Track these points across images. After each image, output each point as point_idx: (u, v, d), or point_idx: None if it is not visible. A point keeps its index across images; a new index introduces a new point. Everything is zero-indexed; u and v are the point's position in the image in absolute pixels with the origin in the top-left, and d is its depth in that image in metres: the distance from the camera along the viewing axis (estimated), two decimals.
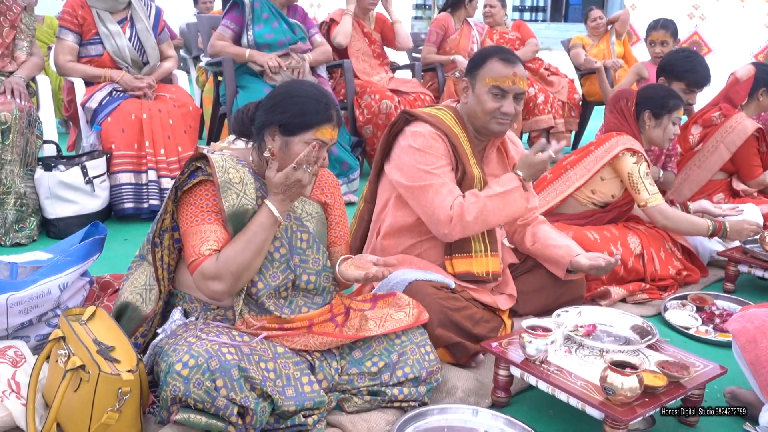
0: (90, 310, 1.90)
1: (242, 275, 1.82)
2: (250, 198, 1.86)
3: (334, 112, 1.89)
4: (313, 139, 1.85)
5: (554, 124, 5.33)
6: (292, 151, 1.85)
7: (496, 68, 2.23)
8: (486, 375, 2.17)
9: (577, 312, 2.21)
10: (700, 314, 2.73)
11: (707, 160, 3.50)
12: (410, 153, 2.24)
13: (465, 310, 2.18)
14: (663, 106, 2.95)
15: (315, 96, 1.88)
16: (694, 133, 3.57)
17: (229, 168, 1.85)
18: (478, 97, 2.25)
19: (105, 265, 2.77)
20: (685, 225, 2.94)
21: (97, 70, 3.74)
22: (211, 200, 1.85)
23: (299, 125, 1.85)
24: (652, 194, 2.88)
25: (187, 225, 1.85)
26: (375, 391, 1.92)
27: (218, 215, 1.85)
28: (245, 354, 1.73)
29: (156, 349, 1.83)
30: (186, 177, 1.87)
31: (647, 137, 3.01)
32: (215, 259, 1.80)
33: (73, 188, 3.40)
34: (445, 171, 2.22)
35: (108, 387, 1.65)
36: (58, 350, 1.78)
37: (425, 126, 2.27)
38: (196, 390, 1.63)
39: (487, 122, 2.26)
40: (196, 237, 1.82)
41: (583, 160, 2.96)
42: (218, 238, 1.83)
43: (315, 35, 4.38)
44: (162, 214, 1.91)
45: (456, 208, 2.17)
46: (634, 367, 1.75)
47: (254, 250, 1.82)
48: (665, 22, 4.44)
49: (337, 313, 2.03)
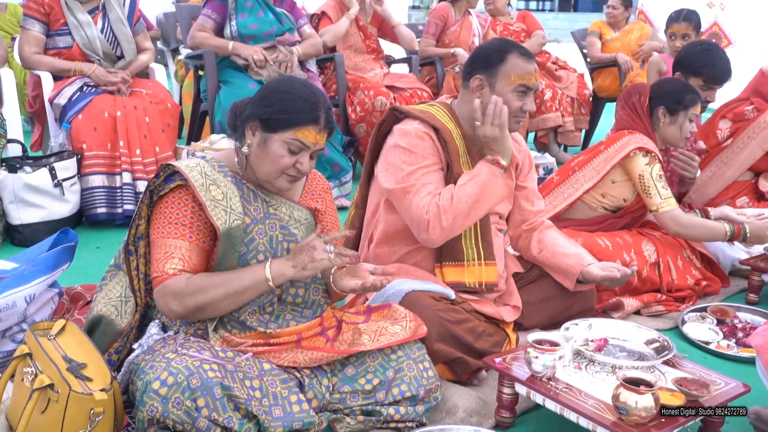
0: (59, 324, 1.89)
1: (205, 311, 1.84)
2: (238, 212, 1.86)
3: (322, 115, 1.90)
4: (293, 139, 1.86)
5: (562, 122, 5.35)
6: (269, 149, 1.87)
7: (520, 65, 2.25)
8: (489, 393, 2.18)
9: (587, 325, 2.22)
10: (721, 328, 2.75)
11: (736, 157, 3.52)
12: (396, 152, 2.26)
13: (466, 323, 2.19)
14: (679, 102, 2.97)
15: (303, 94, 1.89)
16: (722, 128, 3.58)
17: (210, 185, 1.85)
18: (501, 95, 2.25)
19: (76, 276, 2.77)
20: (700, 231, 2.95)
21: (66, 63, 3.74)
22: (182, 211, 1.86)
23: (280, 122, 1.86)
24: (665, 198, 2.89)
25: (155, 235, 1.86)
26: (369, 411, 1.92)
27: (187, 229, 1.85)
28: (229, 371, 1.73)
29: (131, 366, 1.83)
30: (162, 181, 1.88)
31: (661, 135, 3.03)
32: (184, 279, 1.80)
33: (41, 192, 3.40)
34: (430, 171, 2.24)
35: (79, 407, 1.64)
36: (24, 368, 1.77)
37: (413, 123, 2.28)
38: (175, 410, 1.63)
39: (509, 122, 2.27)
40: (160, 251, 1.83)
41: (592, 161, 2.97)
42: (184, 257, 1.83)
43: (304, 26, 4.39)
44: (136, 220, 1.92)
45: (431, 210, 2.18)
46: (649, 385, 1.76)
47: (229, 297, 1.83)
48: (688, 13, 4.43)
49: (328, 326, 2.04)
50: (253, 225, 1.91)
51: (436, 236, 2.20)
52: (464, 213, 2.20)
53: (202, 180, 1.84)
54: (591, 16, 20.84)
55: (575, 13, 22.60)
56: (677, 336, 2.73)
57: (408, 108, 2.36)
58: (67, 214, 3.52)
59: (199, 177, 1.84)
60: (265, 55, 4.07)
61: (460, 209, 2.19)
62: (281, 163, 1.87)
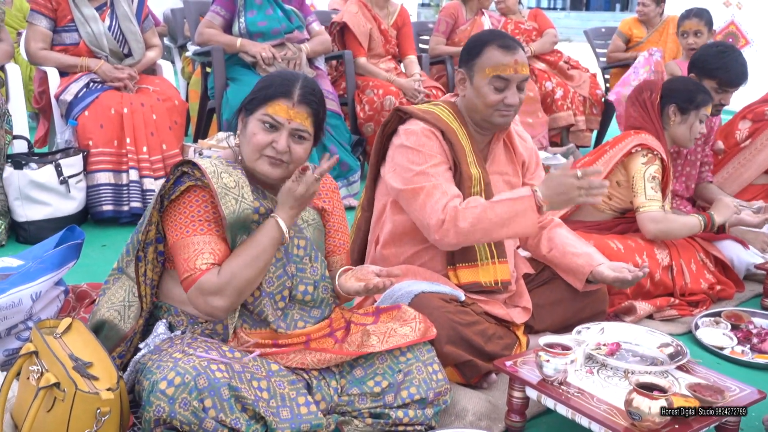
0: (65, 323, 1.90)
1: (245, 291, 1.84)
2: (249, 202, 1.87)
3: (295, 90, 1.89)
4: (264, 114, 1.87)
5: (574, 121, 5.34)
6: (247, 131, 1.90)
7: (495, 56, 2.23)
8: (499, 397, 2.18)
9: (599, 329, 2.21)
10: (736, 333, 2.74)
11: (755, 158, 3.51)
12: (402, 152, 2.26)
13: (476, 325, 2.19)
14: (691, 101, 2.96)
15: (280, 74, 1.91)
16: (741, 129, 3.58)
17: (222, 173, 1.85)
18: (478, 89, 2.25)
19: (81, 274, 2.78)
20: (676, 226, 2.93)
21: (72, 59, 3.76)
22: (202, 207, 1.86)
23: (254, 102, 1.90)
24: (650, 199, 2.87)
25: (177, 236, 1.85)
26: (378, 414, 1.93)
27: (211, 224, 1.85)
28: (236, 371, 1.74)
29: (138, 366, 1.84)
30: (171, 184, 1.87)
31: (671, 134, 3.02)
32: (216, 273, 1.81)
33: (46, 189, 3.42)
34: (439, 171, 2.23)
35: (85, 407, 1.65)
36: (30, 366, 1.78)
37: (418, 123, 2.28)
38: (182, 411, 1.64)
39: (489, 115, 2.27)
40: (188, 250, 1.82)
41: (597, 162, 2.97)
42: (214, 250, 1.83)
43: (312, 23, 4.39)
44: (146, 225, 1.91)
45: (449, 212, 2.16)
46: (662, 390, 1.75)
47: (261, 266, 1.84)
48: (698, 10, 4.45)
49: (336, 327, 2.04)
50: (267, 217, 1.92)
51: (449, 238, 2.18)
52: (484, 230, 2.15)
53: (213, 169, 1.85)
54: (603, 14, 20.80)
55: (587, 12, 22.57)
56: (690, 341, 2.72)
57: (412, 108, 2.36)
58: (72, 212, 3.53)
59: (209, 165, 1.86)
60: (274, 52, 4.08)
61: (481, 225, 2.14)
62: (255, 141, 1.88)
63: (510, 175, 2.44)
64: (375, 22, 4.73)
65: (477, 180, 2.29)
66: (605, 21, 16.92)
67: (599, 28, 6.43)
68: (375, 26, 4.72)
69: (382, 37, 4.77)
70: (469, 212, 2.15)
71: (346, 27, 4.65)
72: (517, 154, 2.46)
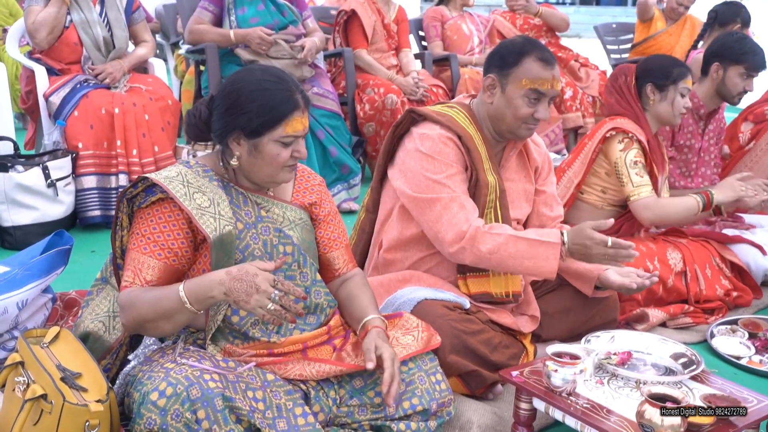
0: (53, 332, 1.91)
1: (147, 330, 1.82)
2: (228, 218, 1.86)
3: (298, 96, 1.90)
4: (284, 136, 1.86)
5: (583, 123, 5.35)
6: (263, 153, 1.87)
7: (534, 69, 2.23)
8: (505, 408, 2.18)
9: (609, 337, 2.22)
10: (753, 342, 2.74)
11: (760, 160, 3.51)
12: (417, 158, 2.26)
13: (481, 334, 2.19)
14: (667, 76, 2.95)
15: (273, 84, 1.88)
16: (744, 131, 3.59)
17: (194, 194, 1.84)
18: (511, 100, 2.26)
19: (70, 280, 2.79)
20: (672, 210, 2.90)
21: None
22: (160, 226, 1.84)
23: (264, 125, 1.85)
24: (637, 186, 2.85)
25: (132, 246, 1.86)
26: (378, 426, 1.93)
27: (161, 246, 1.83)
28: (230, 381, 1.74)
29: (128, 378, 1.84)
30: (142, 191, 1.87)
31: (654, 114, 3.00)
32: (126, 292, 1.80)
33: (33, 192, 3.43)
34: (456, 181, 2.23)
35: (73, 419, 1.66)
36: (16, 377, 1.79)
37: (434, 127, 2.28)
38: (174, 423, 1.64)
39: (517, 127, 2.27)
40: (133, 262, 1.84)
41: (579, 157, 2.98)
42: (138, 273, 1.81)
43: (308, 19, 4.34)
44: (118, 231, 1.92)
45: (471, 231, 2.16)
46: (675, 402, 1.76)
47: (160, 313, 1.76)
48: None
49: (335, 335, 2.04)
50: (246, 230, 1.91)
51: (463, 256, 2.19)
52: (500, 260, 2.17)
53: (184, 189, 1.83)
54: (614, 9, 20.77)
55: (598, 7, 22.52)
56: (706, 350, 2.72)
57: (426, 110, 2.36)
58: (60, 216, 3.54)
59: (180, 187, 1.83)
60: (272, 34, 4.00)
61: (499, 254, 2.15)
62: (279, 160, 1.88)
63: (524, 182, 2.45)
64: (379, 16, 4.77)
65: (493, 187, 2.30)
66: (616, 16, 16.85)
67: (610, 24, 6.42)
68: (379, 20, 4.77)
69: (385, 32, 4.80)
70: (491, 238, 2.16)
71: (352, 17, 4.67)
72: (531, 159, 2.47)
